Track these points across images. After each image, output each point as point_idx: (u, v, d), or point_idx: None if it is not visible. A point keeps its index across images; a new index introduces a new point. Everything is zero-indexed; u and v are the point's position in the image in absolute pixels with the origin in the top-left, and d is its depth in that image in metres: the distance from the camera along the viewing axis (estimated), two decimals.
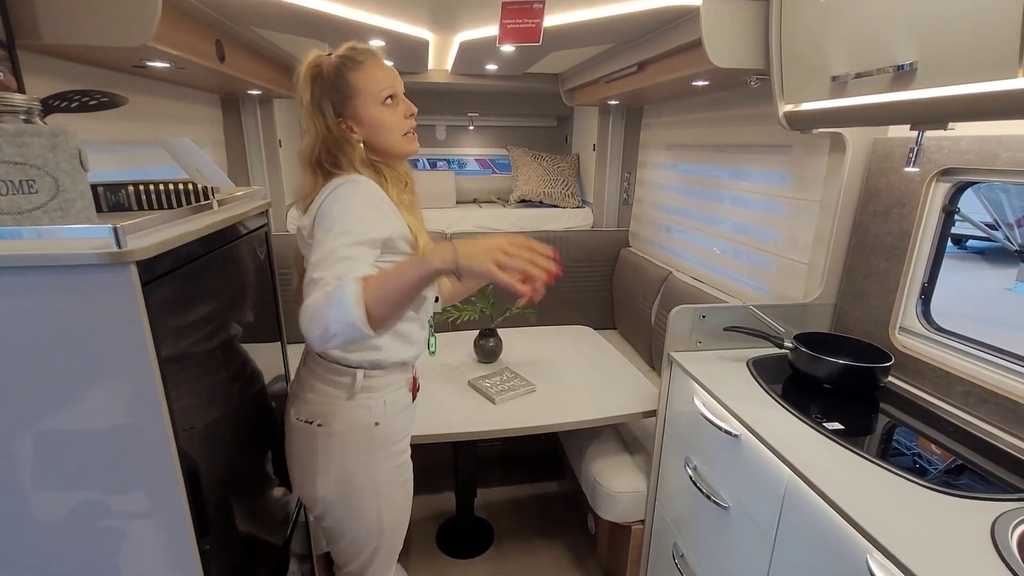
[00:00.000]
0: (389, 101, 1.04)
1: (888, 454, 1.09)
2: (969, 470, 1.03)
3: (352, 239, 0.89)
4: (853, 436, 1.10)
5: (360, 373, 1.05)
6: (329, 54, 1.04)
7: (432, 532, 2.04)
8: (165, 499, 0.78)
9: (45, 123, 0.81)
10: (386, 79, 1.04)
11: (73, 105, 0.85)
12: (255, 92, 2.24)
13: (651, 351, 2.38)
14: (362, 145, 1.04)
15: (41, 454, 0.73)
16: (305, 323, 0.80)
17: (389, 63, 1.09)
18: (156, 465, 0.76)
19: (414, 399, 1.19)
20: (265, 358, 1.24)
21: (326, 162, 1.03)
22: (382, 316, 0.78)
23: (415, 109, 1.07)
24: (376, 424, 1.08)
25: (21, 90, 1.06)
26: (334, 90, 1.01)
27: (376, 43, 1.91)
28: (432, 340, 1.20)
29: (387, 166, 1.09)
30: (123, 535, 0.79)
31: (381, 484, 1.12)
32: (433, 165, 3.62)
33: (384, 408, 1.09)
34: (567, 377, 1.93)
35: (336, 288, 0.78)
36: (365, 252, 0.90)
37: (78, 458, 0.74)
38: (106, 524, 0.78)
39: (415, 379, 1.20)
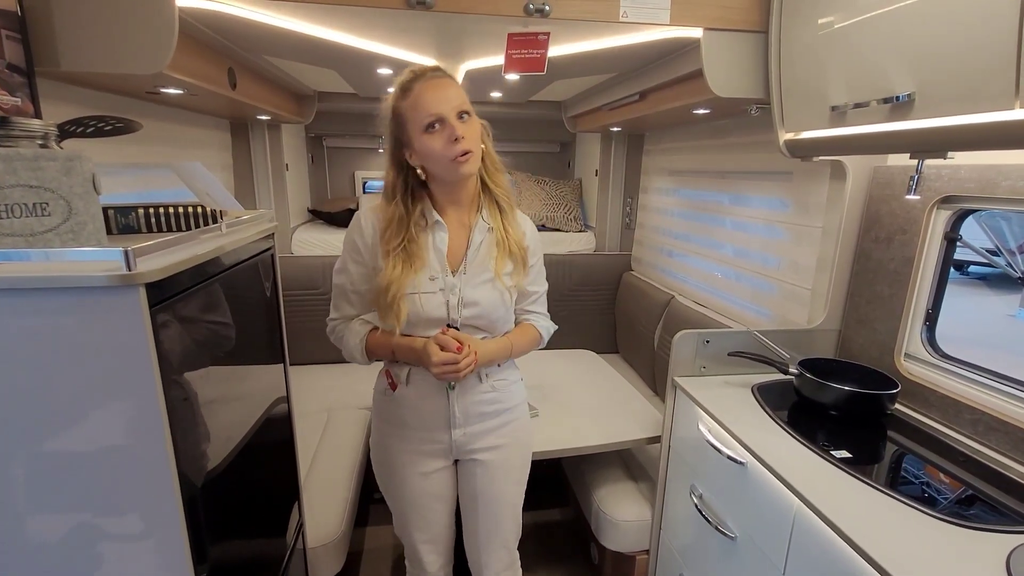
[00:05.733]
0: (433, 128, 1.02)
1: (897, 483, 1.07)
2: (980, 500, 1.01)
3: (339, 291, 1.18)
4: (861, 464, 1.09)
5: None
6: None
7: None
8: (164, 523, 0.77)
9: (61, 148, 0.83)
10: (430, 104, 1.01)
11: (89, 131, 0.86)
12: (264, 117, 2.29)
13: (654, 376, 2.36)
14: (421, 171, 1.08)
15: (42, 475, 0.72)
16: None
17: (448, 79, 1.05)
18: (156, 489, 0.75)
19: (393, 390, 1.19)
20: (268, 380, 1.23)
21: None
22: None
23: (457, 134, 1.00)
24: None
25: (37, 115, 1.08)
26: (394, 122, 1.07)
27: (384, 71, 1.96)
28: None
29: (445, 191, 1.11)
30: (119, 559, 0.77)
31: None
32: None
33: None
34: (570, 402, 1.91)
35: (346, 339, 1.18)
36: (352, 299, 1.18)
37: (78, 480, 0.73)
38: (102, 547, 0.77)
39: (387, 372, 1.21)
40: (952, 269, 1.34)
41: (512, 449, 1.26)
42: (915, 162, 1.20)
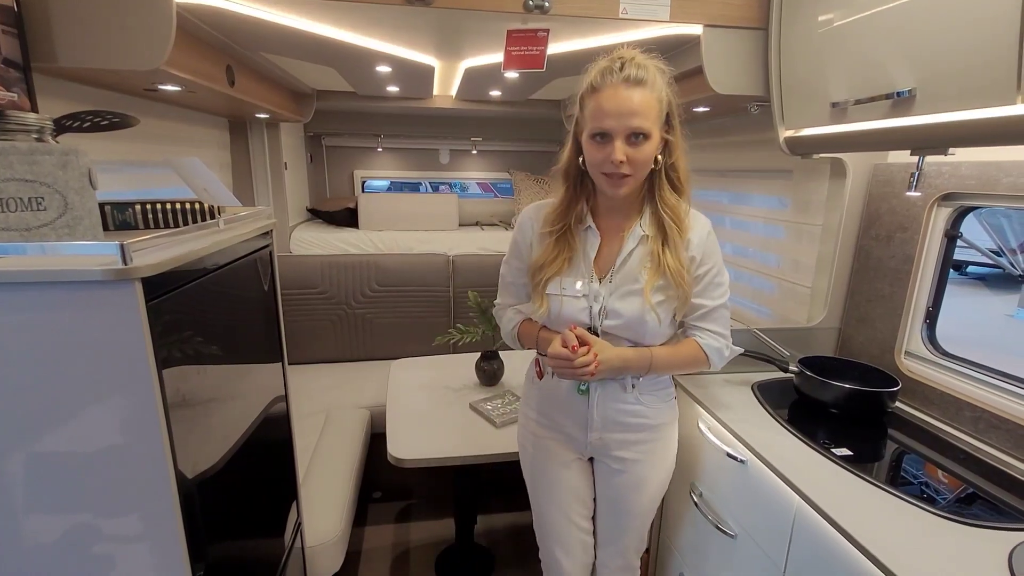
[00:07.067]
0: (600, 138, 0.99)
1: (899, 481, 1.07)
2: (981, 498, 1.01)
3: (503, 280, 1.25)
4: (862, 463, 1.08)
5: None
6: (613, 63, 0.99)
7: (431, 559, 1.99)
8: (161, 522, 0.76)
9: (57, 142, 0.82)
10: (602, 116, 0.97)
11: (85, 125, 0.86)
12: (263, 116, 2.28)
13: None
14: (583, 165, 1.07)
15: (37, 472, 0.71)
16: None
17: (635, 89, 0.96)
18: (153, 487, 0.74)
19: (539, 378, 1.23)
20: (266, 379, 1.23)
21: None
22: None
23: (617, 158, 0.97)
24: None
25: (34, 111, 1.07)
26: (580, 110, 1.04)
27: (383, 69, 1.96)
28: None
29: (604, 196, 1.09)
30: (116, 558, 0.77)
31: None
32: (436, 188, 3.67)
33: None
34: None
35: (503, 324, 1.27)
36: (514, 291, 1.24)
37: (73, 478, 0.72)
38: (99, 546, 0.76)
39: (536, 361, 1.25)
40: (951, 269, 1.34)
41: (648, 466, 1.20)
42: (915, 159, 1.19)
